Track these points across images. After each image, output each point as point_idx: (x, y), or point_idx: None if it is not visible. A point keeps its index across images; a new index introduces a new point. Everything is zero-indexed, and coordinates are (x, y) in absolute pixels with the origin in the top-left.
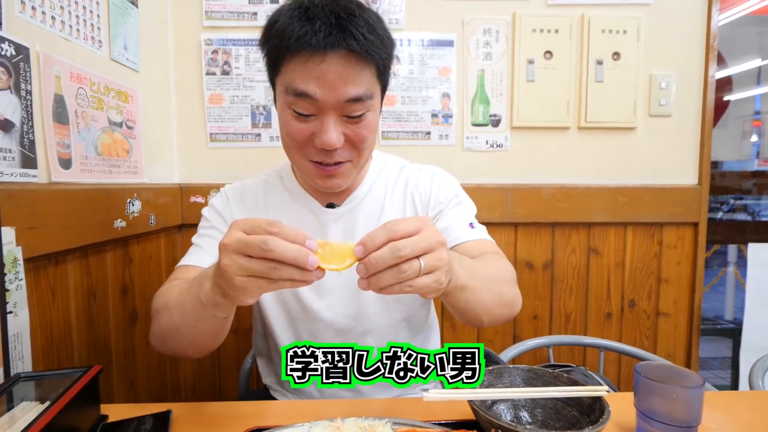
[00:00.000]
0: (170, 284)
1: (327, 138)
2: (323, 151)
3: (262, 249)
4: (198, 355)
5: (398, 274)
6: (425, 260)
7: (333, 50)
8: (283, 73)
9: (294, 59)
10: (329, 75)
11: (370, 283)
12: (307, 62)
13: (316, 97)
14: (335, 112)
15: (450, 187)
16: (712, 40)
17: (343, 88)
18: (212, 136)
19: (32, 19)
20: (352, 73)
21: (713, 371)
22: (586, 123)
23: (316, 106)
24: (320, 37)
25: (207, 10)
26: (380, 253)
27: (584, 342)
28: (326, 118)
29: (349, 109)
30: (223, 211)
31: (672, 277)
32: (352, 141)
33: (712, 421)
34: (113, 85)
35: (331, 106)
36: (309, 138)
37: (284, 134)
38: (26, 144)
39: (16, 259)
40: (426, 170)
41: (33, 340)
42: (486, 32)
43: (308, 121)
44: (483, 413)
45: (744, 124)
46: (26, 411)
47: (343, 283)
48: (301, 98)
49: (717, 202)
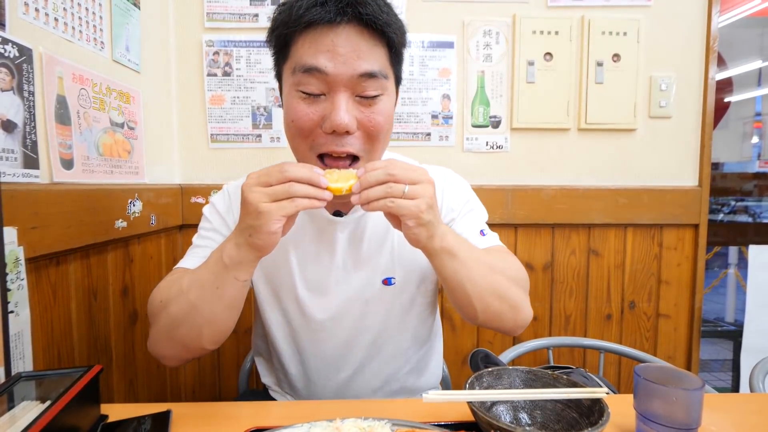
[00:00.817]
0: (168, 280)
1: (338, 117)
2: (333, 138)
3: (280, 173)
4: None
5: (385, 189)
6: (411, 188)
7: (345, 22)
8: (291, 55)
9: (303, 36)
10: (341, 47)
11: (361, 196)
12: (318, 36)
13: (327, 71)
14: (347, 90)
15: (461, 193)
16: (713, 41)
17: (356, 62)
18: (213, 137)
19: (35, 21)
20: (366, 47)
21: (714, 373)
22: (586, 124)
23: (326, 82)
24: (331, 8)
25: (208, 11)
26: (375, 172)
27: (584, 344)
28: (337, 95)
29: (363, 86)
30: (226, 213)
31: (672, 279)
32: (365, 128)
33: (713, 424)
34: (115, 86)
35: (343, 81)
36: (317, 124)
37: (289, 121)
38: (28, 144)
39: (17, 258)
40: (437, 175)
41: (34, 340)
42: (486, 34)
43: (317, 103)
44: (482, 414)
45: (745, 125)
46: (27, 410)
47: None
48: (310, 74)
49: (717, 204)
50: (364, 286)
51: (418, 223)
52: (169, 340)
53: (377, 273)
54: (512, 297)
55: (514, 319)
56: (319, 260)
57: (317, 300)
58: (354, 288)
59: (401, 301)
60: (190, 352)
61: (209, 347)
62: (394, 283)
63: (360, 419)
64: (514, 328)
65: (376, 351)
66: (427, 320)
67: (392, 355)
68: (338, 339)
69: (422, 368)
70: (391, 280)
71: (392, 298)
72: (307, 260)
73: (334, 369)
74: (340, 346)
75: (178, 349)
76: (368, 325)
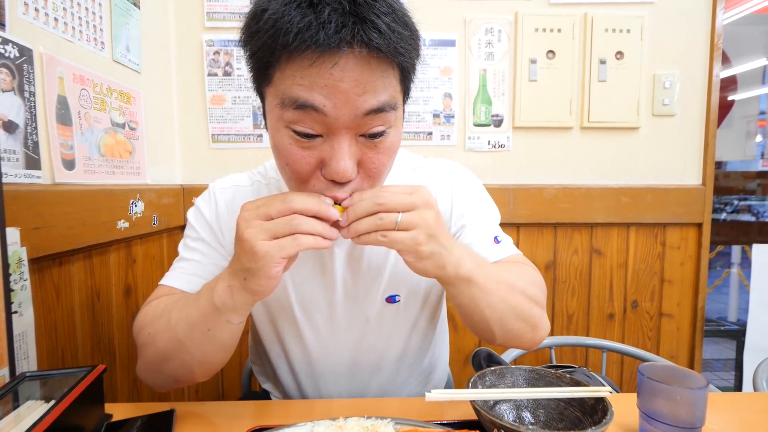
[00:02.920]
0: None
1: (340, 166)
2: (333, 184)
3: (282, 203)
4: (203, 377)
5: (375, 221)
6: (404, 216)
7: (348, 49)
8: (276, 80)
9: (293, 61)
10: (343, 83)
11: (350, 230)
12: (313, 66)
13: (325, 111)
14: (349, 131)
15: (472, 195)
16: (717, 39)
17: (361, 98)
18: (214, 137)
19: (35, 21)
20: (372, 78)
21: (716, 373)
22: (589, 123)
23: (324, 123)
24: (330, 30)
25: (208, 11)
26: (362, 203)
27: (587, 343)
28: (338, 139)
29: (368, 125)
30: (213, 220)
31: (675, 278)
32: (367, 170)
33: (716, 423)
34: (115, 87)
35: (345, 123)
36: (316, 167)
37: (283, 164)
38: (30, 145)
39: (20, 259)
40: (443, 173)
41: (38, 340)
42: (488, 32)
43: (313, 146)
44: (485, 413)
45: (748, 124)
46: (32, 410)
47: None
48: (304, 113)
49: (721, 203)
50: (365, 306)
51: (418, 257)
52: (157, 372)
53: (379, 291)
54: (532, 317)
55: (532, 337)
56: (316, 279)
57: (314, 322)
58: (354, 308)
59: (406, 319)
60: (182, 383)
61: (202, 380)
62: (398, 300)
63: (363, 418)
64: (531, 345)
65: (378, 370)
66: (432, 331)
67: (396, 372)
68: (338, 362)
69: (428, 377)
70: (396, 297)
71: (396, 316)
72: (303, 278)
73: (336, 391)
74: (340, 369)
75: (169, 381)
76: (371, 345)
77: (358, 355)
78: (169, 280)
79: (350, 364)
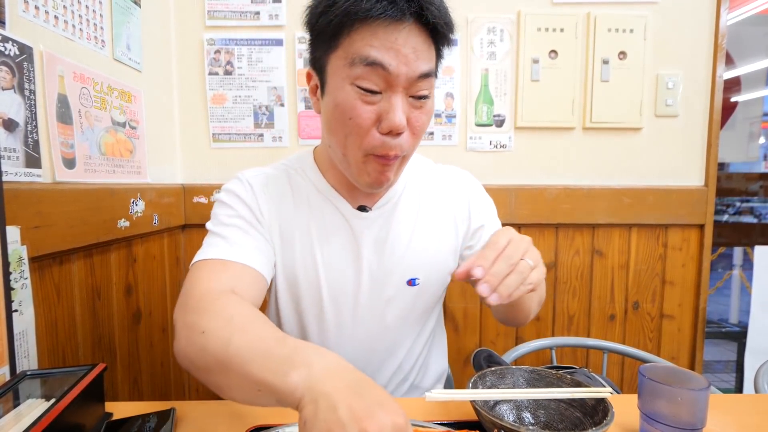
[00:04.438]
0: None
1: (397, 117)
2: (386, 139)
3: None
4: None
5: (518, 276)
6: (529, 257)
7: (409, 21)
8: (345, 44)
9: (363, 28)
10: (404, 48)
11: (500, 294)
12: (381, 31)
13: (390, 69)
14: (404, 91)
15: (484, 197)
16: (721, 39)
17: (416, 62)
18: (215, 137)
19: (35, 19)
20: (424, 47)
21: (717, 374)
22: (592, 123)
23: (386, 80)
24: (402, 4)
25: (209, 9)
26: (497, 266)
27: (587, 344)
28: (395, 96)
29: (418, 86)
30: (250, 200)
31: (677, 280)
32: (413, 128)
33: (717, 425)
34: (116, 85)
35: (402, 82)
36: (374, 123)
37: (345, 119)
38: (30, 144)
39: (21, 258)
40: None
41: (38, 339)
42: (490, 31)
43: (374, 102)
44: (486, 414)
45: (752, 125)
46: (32, 408)
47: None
48: (372, 69)
49: (723, 204)
50: (388, 287)
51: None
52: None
53: (402, 273)
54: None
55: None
56: (346, 259)
57: (338, 303)
58: (378, 288)
59: (423, 301)
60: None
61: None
62: (418, 283)
63: None
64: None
65: (394, 352)
66: (437, 317)
67: (407, 355)
68: (357, 341)
69: (427, 364)
70: (415, 281)
71: (414, 298)
72: (333, 259)
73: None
74: (359, 348)
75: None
76: (388, 325)
77: (375, 335)
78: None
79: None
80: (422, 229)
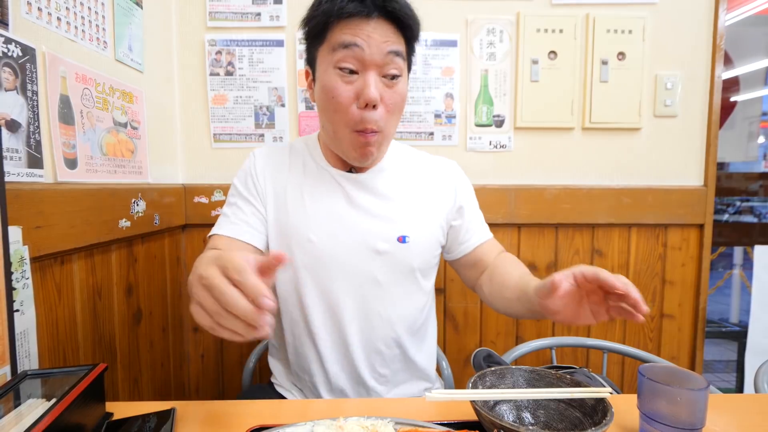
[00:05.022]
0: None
1: (370, 92)
2: (365, 114)
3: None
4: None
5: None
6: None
7: (377, 16)
8: (329, 37)
9: (341, 23)
10: (374, 33)
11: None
12: (354, 23)
13: (362, 48)
14: (376, 69)
15: (467, 181)
16: (719, 39)
17: (384, 44)
18: (216, 137)
19: (38, 20)
20: (390, 34)
21: (718, 374)
22: (591, 123)
23: (361, 60)
24: (368, 3)
25: (211, 10)
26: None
27: (587, 343)
28: (368, 74)
29: (388, 65)
30: (251, 171)
31: (677, 279)
32: (387, 105)
33: (717, 425)
34: (118, 86)
35: (374, 61)
36: (353, 100)
37: (329, 98)
38: (32, 144)
39: (22, 258)
40: (443, 160)
41: (39, 338)
42: (490, 32)
43: (352, 82)
44: (485, 414)
45: (751, 125)
46: (33, 408)
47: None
48: (349, 50)
49: (723, 204)
50: (379, 239)
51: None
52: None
53: (393, 228)
54: None
55: None
56: (336, 210)
57: (330, 241)
58: (370, 236)
59: (412, 259)
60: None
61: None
62: (408, 241)
63: (363, 418)
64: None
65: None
66: (427, 287)
67: (398, 314)
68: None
69: (421, 338)
70: (406, 238)
71: (405, 254)
72: (324, 217)
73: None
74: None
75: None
76: (380, 282)
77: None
78: (216, 229)
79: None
80: (413, 192)
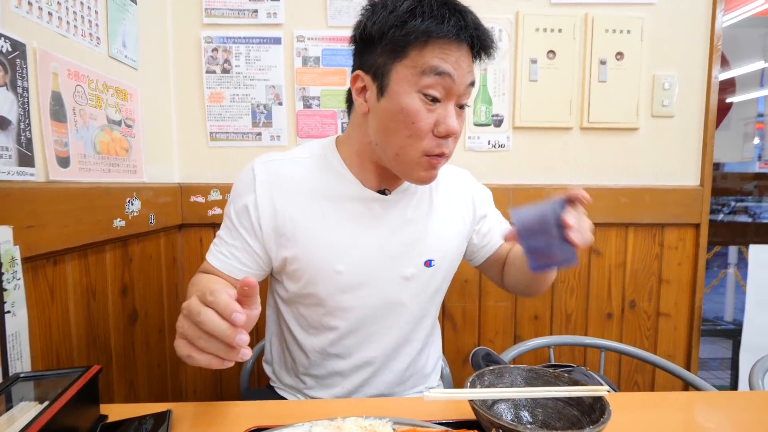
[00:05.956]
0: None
1: (453, 124)
2: (440, 141)
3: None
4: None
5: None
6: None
7: (464, 41)
8: (414, 56)
9: (436, 44)
10: (461, 62)
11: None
12: (448, 48)
13: (454, 78)
14: (456, 100)
15: (483, 189)
16: (716, 41)
17: (468, 75)
18: (212, 135)
19: (29, 15)
20: (470, 64)
21: (713, 372)
22: (589, 123)
23: (447, 89)
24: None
25: (207, 7)
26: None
27: (585, 342)
28: (450, 104)
29: (464, 96)
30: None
31: (673, 278)
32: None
33: (712, 422)
34: (112, 83)
35: (458, 91)
36: (432, 127)
37: (408, 122)
38: (23, 142)
39: (13, 258)
40: (457, 171)
41: (32, 340)
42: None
43: (434, 110)
44: (484, 413)
45: (746, 126)
46: (25, 411)
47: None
48: (440, 79)
49: (718, 204)
50: (408, 264)
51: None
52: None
53: (420, 253)
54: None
55: None
56: (363, 235)
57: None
58: (396, 268)
59: (437, 282)
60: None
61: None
62: (433, 265)
63: (361, 418)
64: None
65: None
66: (438, 305)
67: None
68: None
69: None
70: (432, 262)
71: (430, 279)
72: (347, 234)
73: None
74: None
75: None
76: (404, 302)
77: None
78: (209, 255)
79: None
80: (437, 213)
